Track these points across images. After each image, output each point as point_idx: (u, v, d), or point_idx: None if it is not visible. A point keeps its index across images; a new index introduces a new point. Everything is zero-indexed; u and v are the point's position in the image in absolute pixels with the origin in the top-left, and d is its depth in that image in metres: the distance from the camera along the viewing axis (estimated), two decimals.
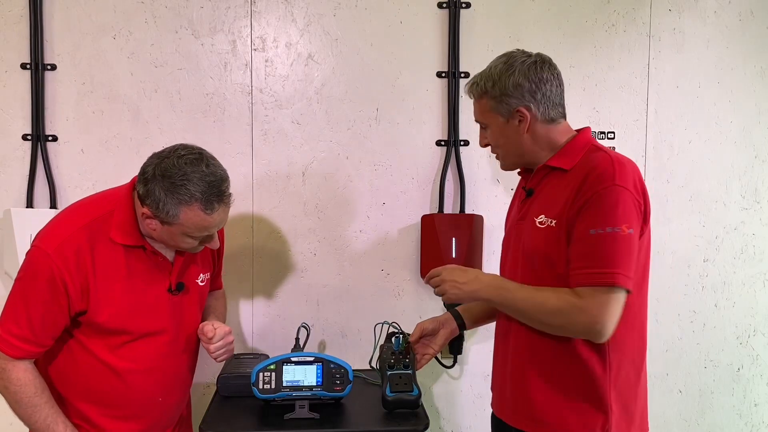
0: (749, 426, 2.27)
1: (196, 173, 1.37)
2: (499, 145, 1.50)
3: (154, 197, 1.37)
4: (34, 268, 1.39)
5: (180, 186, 1.36)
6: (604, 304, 1.30)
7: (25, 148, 1.99)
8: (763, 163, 2.22)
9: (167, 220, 1.39)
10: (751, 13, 2.18)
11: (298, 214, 2.09)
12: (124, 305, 1.45)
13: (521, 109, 1.43)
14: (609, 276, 1.29)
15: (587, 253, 1.31)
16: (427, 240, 2.06)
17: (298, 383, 1.64)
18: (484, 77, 1.46)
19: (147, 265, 1.49)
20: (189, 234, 1.43)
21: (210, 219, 1.41)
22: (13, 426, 1.91)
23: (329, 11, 2.06)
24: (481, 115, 1.49)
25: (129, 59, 2.01)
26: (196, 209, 1.38)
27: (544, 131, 1.46)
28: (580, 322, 1.31)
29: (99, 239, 1.42)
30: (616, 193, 1.31)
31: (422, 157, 2.11)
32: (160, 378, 1.53)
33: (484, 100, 1.46)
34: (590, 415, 1.39)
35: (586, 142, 1.46)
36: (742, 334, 2.24)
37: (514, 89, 1.43)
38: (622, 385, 1.41)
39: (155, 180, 1.38)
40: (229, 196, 1.44)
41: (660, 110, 2.16)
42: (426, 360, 1.71)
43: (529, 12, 2.10)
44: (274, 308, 2.10)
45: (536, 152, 1.47)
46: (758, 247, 2.23)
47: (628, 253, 1.31)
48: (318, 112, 2.07)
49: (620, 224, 1.30)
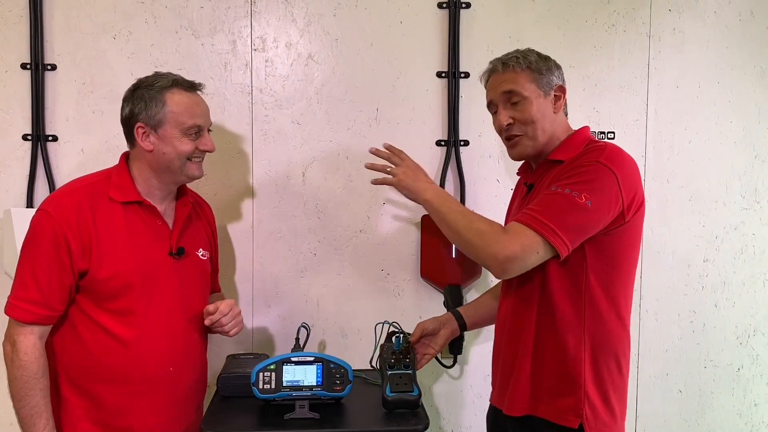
0: (749, 426, 2.27)
1: (165, 73, 1.58)
2: (535, 120, 1.47)
3: (139, 100, 1.53)
4: (37, 229, 1.46)
5: (155, 82, 1.54)
6: (520, 244, 1.32)
7: (25, 148, 1.99)
8: (763, 163, 2.22)
9: (158, 117, 1.51)
10: (751, 13, 2.18)
11: (298, 214, 2.09)
12: (126, 262, 1.49)
13: (562, 85, 1.51)
14: (542, 225, 1.31)
15: (537, 202, 1.36)
16: (427, 240, 2.06)
17: (298, 383, 1.64)
18: (521, 54, 1.49)
19: (147, 226, 1.55)
20: (182, 125, 1.53)
21: (193, 99, 1.56)
22: (14, 426, 1.91)
23: (329, 11, 2.06)
24: (521, 86, 1.47)
25: (129, 59, 2.01)
26: (178, 91, 1.54)
27: (561, 119, 1.52)
28: (491, 249, 1.34)
29: (98, 199, 1.51)
30: (595, 170, 1.34)
31: (422, 157, 2.09)
32: (168, 345, 1.55)
33: (526, 72, 1.48)
34: (566, 401, 1.41)
35: (585, 138, 1.49)
36: (742, 334, 2.24)
37: (555, 69, 1.51)
38: (604, 376, 1.42)
39: (135, 93, 1.55)
40: (201, 84, 1.61)
41: (660, 110, 2.16)
42: (426, 360, 1.72)
43: (529, 12, 2.10)
44: (274, 308, 2.10)
45: (555, 137, 1.50)
46: (758, 247, 2.23)
47: (575, 220, 1.32)
48: (318, 112, 2.07)
49: (582, 192, 1.31)
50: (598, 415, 1.41)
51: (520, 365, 1.47)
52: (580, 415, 1.39)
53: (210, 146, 1.60)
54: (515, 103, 1.48)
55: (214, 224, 1.82)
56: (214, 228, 1.81)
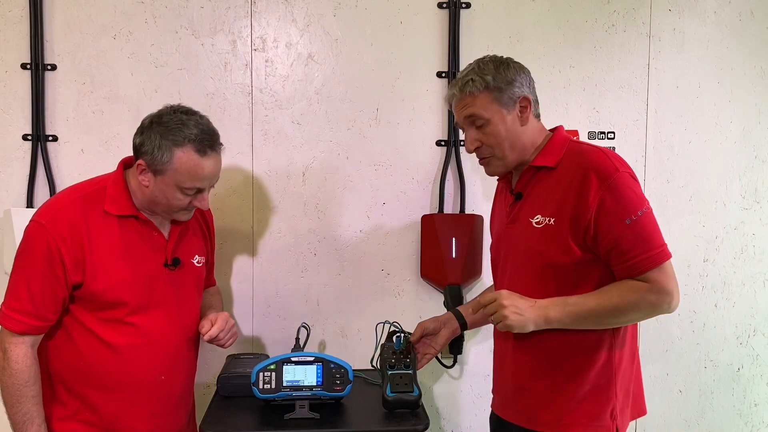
0: (749, 426, 2.27)
1: (191, 120, 1.47)
2: (500, 141, 1.46)
3: (150, 143, 1.44)
4: (30, 241, 1.44)
5: (175, 129, 1.44)
6: (670, 277, 1.36)
7: (25, 148, 1.99)
8: (763, 163, 2.22)
9: (161, 167, 1.44)
10: (751, 13, 2.18)
11: (298, 214, 2.09)
12: (121, 275, 1.48)
13: (526, 96, 1.45)
14: (662, 252, 1.36)
15: (634, 241, 1.34)
16: (427, 240, 2.06)
17: (298, 383, 1.64)
18: (476, 73, 1.44)
19: (142, 238, 1.52)
20: (181, 185, 1.46)
21: (202, 163, 1.46)
22: None
23: (329, 11, 2.06)
24: (481, 109, 1.45)
25: (129, 59, 2.01)
26: (189, 151, 1.44)
27: (533, 126, 1.48)
28: (658, 304, 1.35)
29: (93, 211, 1.47)
30: (622, 179, 1.36)
31: (422, 157, 2.11)
32: (161, 354, 1.54)
33: (484, 93, 1.44)
34: (599, 405, 1.41)
35: (564, 139, 1.48)
36: (742, 334, 2.24)
37: (515, 78, 1.45)
38: (624, 371, 1.44)
39: (151, 127, 1.46)
40: (221, 146, 1.52)
41: (660, 110, 2.16)
42: (427, 360, 1.72)
43: (529, 12, 2.10)
44: (274, 308, 2.10)
45: (528, 149, 1.47)
46: (758, 247, 2.23)
47: (657, 225, 1.38)
48: (318, 112, 2.07)
49: (643, 203, 1.36)
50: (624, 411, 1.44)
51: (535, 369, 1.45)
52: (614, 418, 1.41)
53: (204, 205, 1.54)
54: (480, 126, 1.46)
55: (211, 222, 1.79)
56: (211, 226, 1.79)
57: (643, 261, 1.34)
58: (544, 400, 1.44)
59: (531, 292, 1.42)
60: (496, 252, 1.60)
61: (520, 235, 1.47)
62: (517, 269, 1.49)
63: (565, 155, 1.44)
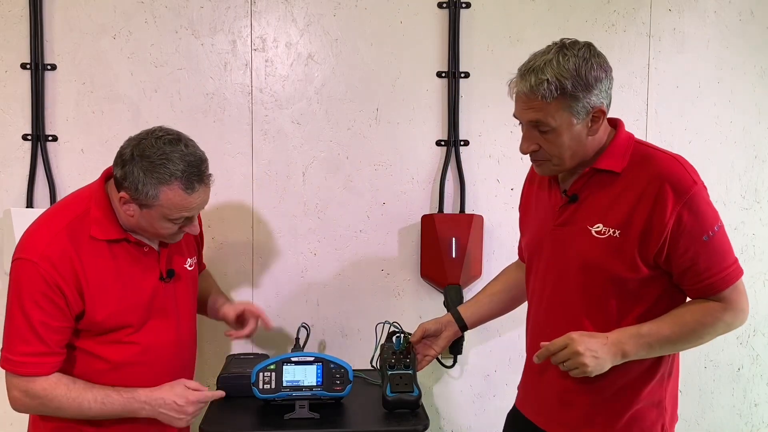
0: (749, 426, 2.27)
1: (175, 153, 1.35)
2: (561, 149, 1.31)
3: (133, 178, 1.35)
4: (25, 281, 1.36)
5: (159, 165, 1.34)
6: (743, 295, 1.34)
7: (25, 148, 1.99)
8: (763, 163, 2.22)
9: (146, 202, 1.37)
10: (751, 13, 2.18)
11: (298, 214, 2.09)
12: (120, 301, 1.43)
13: (601, 107, 1.29)
14: (736, 269, 1.32)
15: (710, 259, 1.29)
16: (427, 240, 2.06)
17: (298, 383, 1.64)
18: (555, 73, 1.25)
19: (134, 258, 1.46)
20: (169, 217, 1.39)
21: (190, 199, 1.38)
22: (14, 426, 1.91)
23: (329, 11, 2.05)
24: (550, 117, 1.28)
25: (129, 59, 2.01)
26: (176, 189, 1.36)
27: (601, 132, 1.34)
28: (734, 323, 1.34)
29: (81, 239, 1.39)
30: (700, 193, 1.31)
31: (422, 157, 2.11)
32: (161, 367, 1.51)
33: (558, 100, 1.26)
34: (649, 422, 1.38)
35: (628, 139, 1.37)
36: (742, 334, 2.24)
37: (596, 84, 1.27)
38: (674, 380, 1.42)
39: (133, 161, 1.35)
40: (209, 176, 1.43)
41: (660, 110, 2.16)
42: (427, 362, 1.71)
43: (529, 12, 2.10)
44: (274, 308, 2.10)
45: (589, 154, 1.34)
46: (758, 247, 2.23)
47: (729, 239, 1.34)
48: (318, 112, 2.07)
49: (717, 218, 1.32)
50: (672, 421, 1.42)
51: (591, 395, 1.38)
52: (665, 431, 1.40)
53: (194, 230, 1.48)
54: (543, 131, 1.31)
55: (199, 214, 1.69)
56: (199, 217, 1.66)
57: (720, 281, 1.29)
58: (593, 416, 1.39)
59: (585, 305, 1.36)
60: (535, 252, 1.48)
61: (574, 242, 1.36)
62: (566, 279, 1.39)
63: (631, 159, 1.33)
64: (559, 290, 1.40)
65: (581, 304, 1.37)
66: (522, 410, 1.55)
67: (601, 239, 1.32)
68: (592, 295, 1.35)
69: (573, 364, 1.28)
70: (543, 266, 1.45)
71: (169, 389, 1.45)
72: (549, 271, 1.43)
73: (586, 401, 1.39)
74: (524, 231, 1.58)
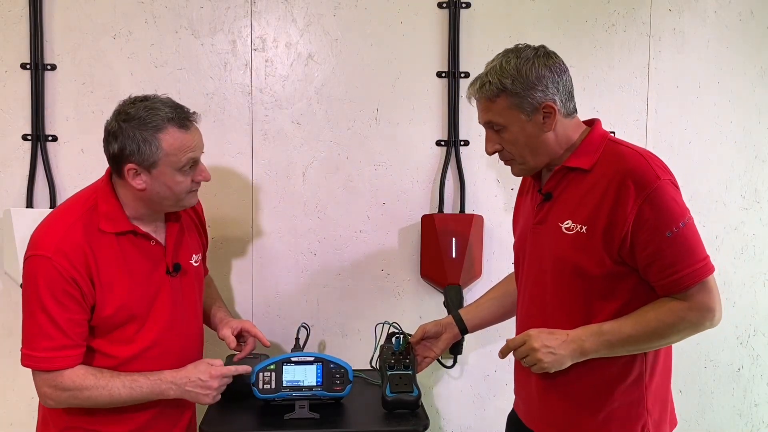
0: (749, 426, 2.27)
1: (156, 102, 1.44)
2: (519, 147, 1.37)
3: (131, 143, 1.40)
4: (41, 277, 1.38)
5: (148, 117, 1.40)
6: (712, 293, 1.29)
7: (25, 148, 1.99)
8: (763, 163, 2.22)
9: (152, 159, 1.41)
10: (751, 13, 2.18)
11: (298, 214, 2.09)
12: (128, 294, 1.45)
13: (549, 103, 1.33)
14: (704, 267, 1.29)
15: (675, 255, 1.27)
16: (427, 240, 2.06)
17: (298, 383, 1.64)
18: (496, 74, 1.33)
19: (141, 251, 1.49)
20: (176, 166, 1.43)
21: (189, 136, 1.44)
22: (14, 426, 1.92)
23: (329, 11, 2.05)
24: (497, 115, 1.35)
25: (129, 59, 2.01)
26: (173, 131, 1.42)
27: (563, 127, 1.37)
28: (699, 323, 1.30)
29: (92, 233, 1.43)
30: (663, 188, 1.28)
31: (422, 157, 2.11)
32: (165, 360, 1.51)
33: (501, 98, 1.33)
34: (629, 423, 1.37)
35: (601, 138, 1.39)
36: (742, 334, 2.24)
37: (538, 81, 1.32)
38: (658, 384, 1.40)
39: (122, 129, 1.41)
40: (195, 114, 1.49)
41: (660, 110, 2.16)
42: (427, 363, 1.72)
43: (529, 12, 2.10)
44: (274, 308, 2.10)
45: (556, 151, 1.38)
46: (758, 247, 2.23)
47: (699, 237, 1.31)
48: (318, 112, 2.07)
49: (684, 214, 1.29)
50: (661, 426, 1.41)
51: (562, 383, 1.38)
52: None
53: (206, 176, 1.52)
54: (497, 130, 1.38)
55: (201, 212, 1.74)
56: (202, 217, 1.74)
57: (686, 276, 1.27)
58: (569, 415, 1.40)
59: (558, 301, 1.38)
60: (519, 251, 1.52)
61: (547, 238, 1.40)
62: (542, 275, 1.42)
63: (601, 157, 1.35)
64: (537, 288, 1.43)
65: (556, 301, 1.39)
66: (516, 410, 1.57)
67: (570, 235, 1.35)
68: (564, 291, 1.37)
69: (530, 360, 1.32)
70: (526, 265, 1.49)
71: (193, 368, 1.49)
72: (530, 269, 1.47)
73: (563, 399, 1.40)
74: (514, 232, 1.62)
